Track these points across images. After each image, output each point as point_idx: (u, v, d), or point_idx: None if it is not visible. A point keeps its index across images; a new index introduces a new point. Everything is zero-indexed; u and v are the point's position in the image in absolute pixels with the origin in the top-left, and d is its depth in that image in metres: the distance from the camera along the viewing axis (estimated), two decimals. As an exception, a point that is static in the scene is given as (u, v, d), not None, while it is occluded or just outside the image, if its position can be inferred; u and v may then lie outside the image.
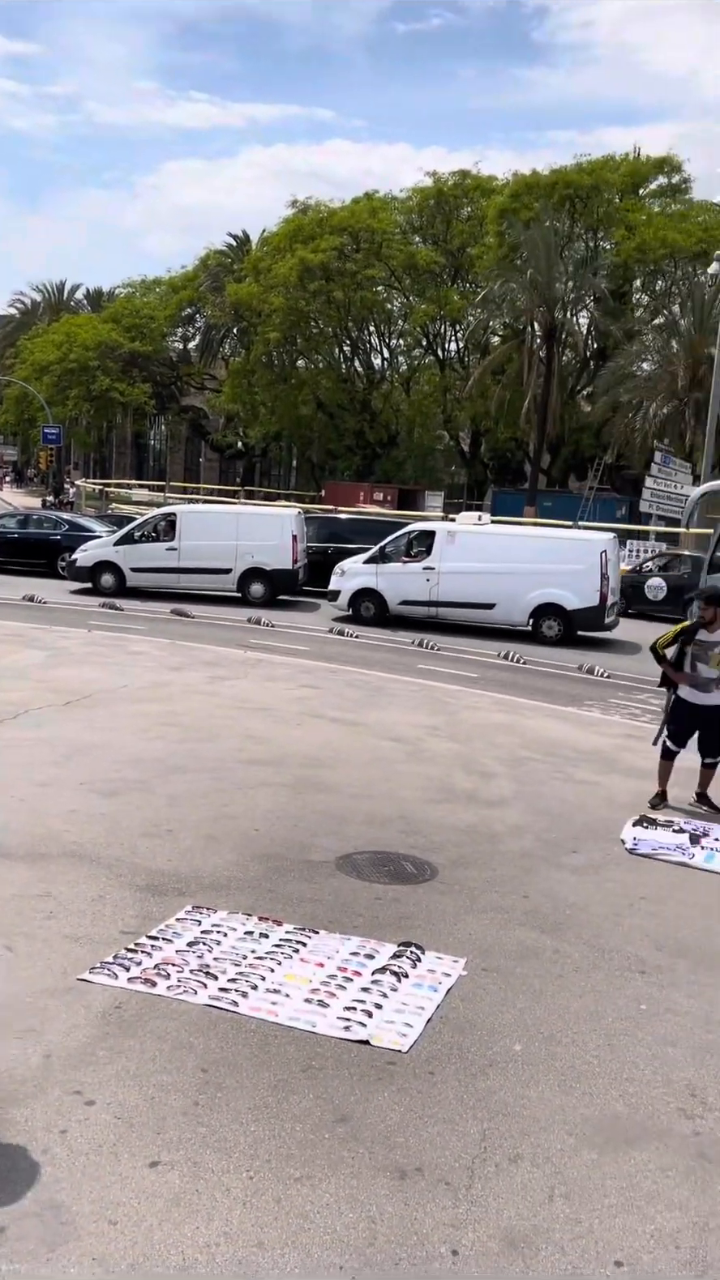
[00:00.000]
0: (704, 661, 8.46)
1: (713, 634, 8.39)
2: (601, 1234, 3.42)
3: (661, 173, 44.59)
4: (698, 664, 8.49)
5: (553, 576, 18.07)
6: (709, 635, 8.40)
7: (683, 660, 8.52)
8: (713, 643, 8.40)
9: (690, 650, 8.47)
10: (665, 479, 31.94)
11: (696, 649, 8.45)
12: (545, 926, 5.95)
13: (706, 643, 8.41)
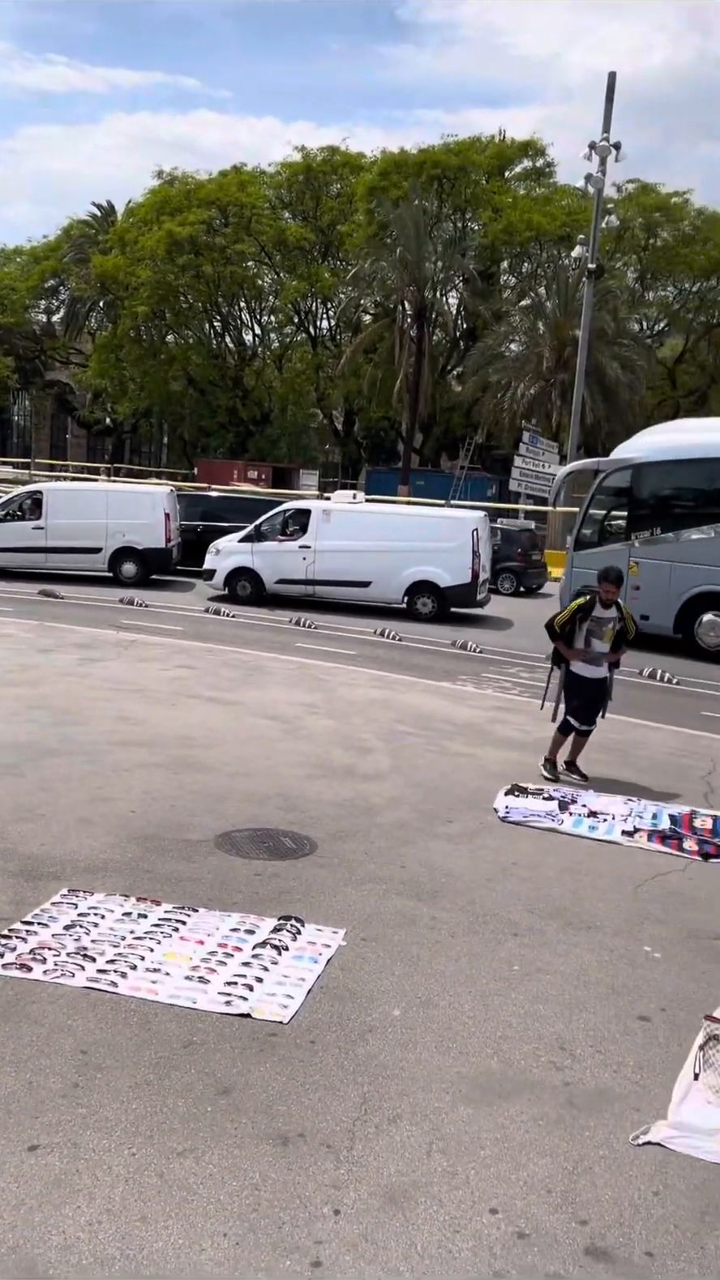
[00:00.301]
0: (598, 637, 8.81)
1: (607, 610, 8.74)
2: (477, 1184, 3.55)
3: (526, 156, 45.41)
4: (592, 639, 8.81)
5: (426, 554, 18.33)
6: (604, 612, 8.74)
7: (576, 636, 8.82)
8: (607, 619, 8.77)
9: (586, 626, 8.78)
10: (533, 458, 32.73)
11: (593, 625, 8.77)
12: (422, 895, 6.08)
13: (602, 619, 8.76)
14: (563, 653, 8.92)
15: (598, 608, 8.74)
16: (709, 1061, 4.21)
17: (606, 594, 8.71)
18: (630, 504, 17.18)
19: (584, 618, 8.77)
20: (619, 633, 8.86)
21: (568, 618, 8.81)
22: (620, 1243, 3.33)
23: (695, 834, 7.60)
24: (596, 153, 28.42)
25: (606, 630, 8.80)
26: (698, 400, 45.29)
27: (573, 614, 8.79)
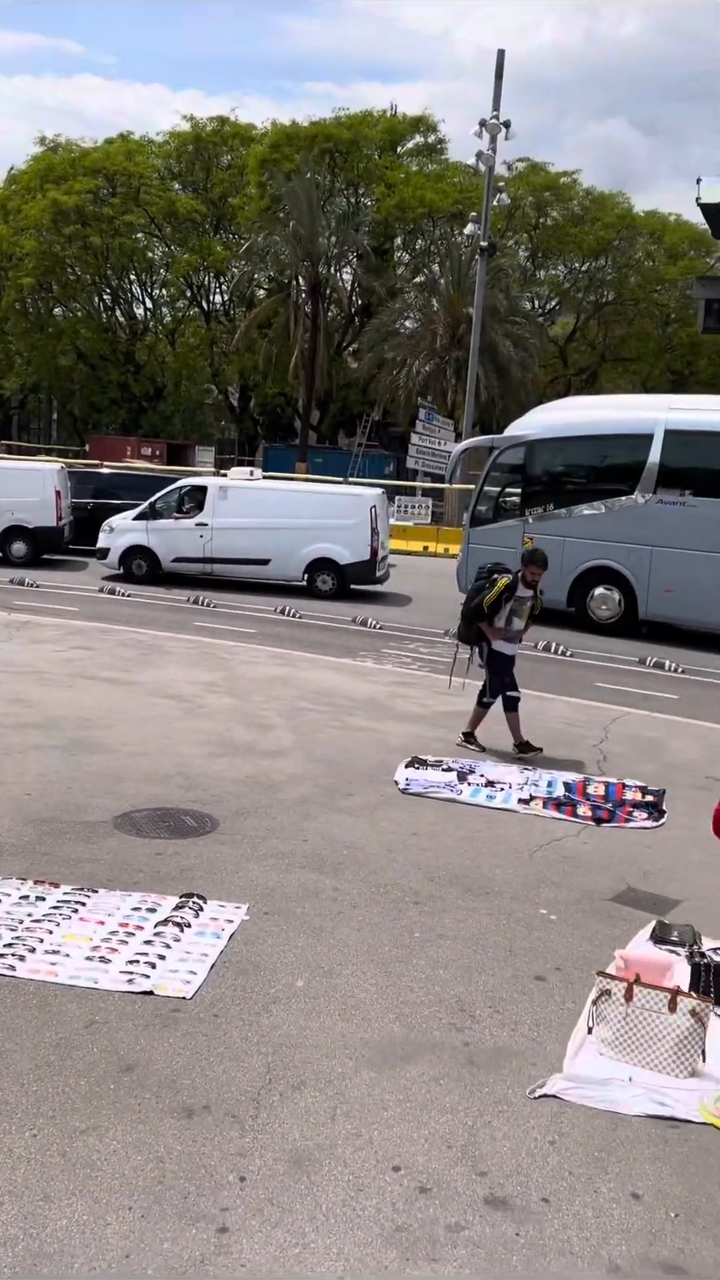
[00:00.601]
0: (519, 616, 9.08)
1: (527, 590, 9.02)
2: (381, 1144, 3.64)
3: (418, 131, 45.49)
4: (513, 618, 9.05)
5: (326, 532, 18.34)
6: (525, 592, 9.01)
7: (499, 616, 8.99)
8: (526, 598, 9.04)
9: (509, 606, 8.99)
10: (429, 435, 32.98)
11: (515, 604, 9.00)
12: (324, 868, 6.14)
13: (523, 598, 9.02)
14: (488, 633, 9.07)
15: (520, 588, 8.96)
16: (601, 1015, 4.38)
17: (532, 575, 8.96)
18: (524, 480, 17.46)
19: (509, 598, 8.96)
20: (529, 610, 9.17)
21: (495, 599, 8.94)
22: (518, 1191, 3.45)
23: (588, 800, 7.84)
24: (487, 130, 28.62)
25: (525, 609, 9.09)
26: (588, 378, 46.26)
27: (500, 594, 8.93)
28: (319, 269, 40.20)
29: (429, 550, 29.04)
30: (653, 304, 44.24)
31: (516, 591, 8.96)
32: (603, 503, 16.42)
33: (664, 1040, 4.25)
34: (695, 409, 16.65)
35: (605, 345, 46.25)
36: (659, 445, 15.77)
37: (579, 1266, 3.13)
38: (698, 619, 15.70)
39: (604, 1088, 4.08)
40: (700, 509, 15.32)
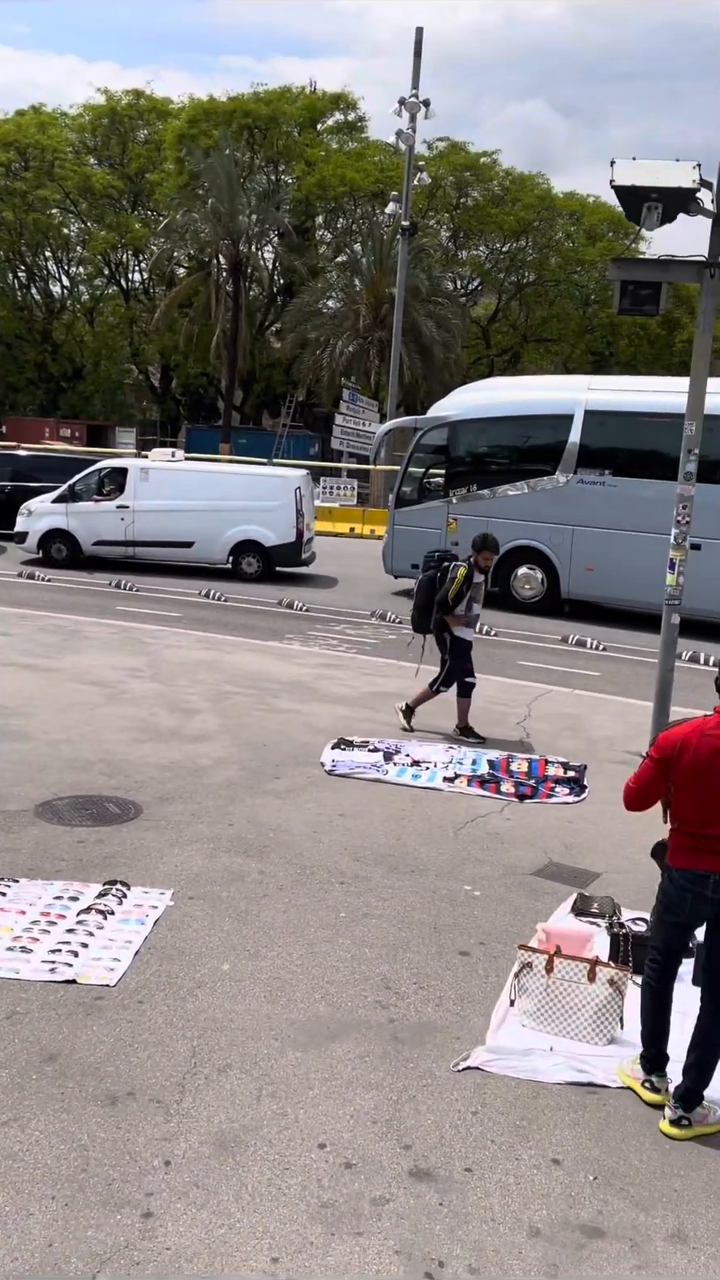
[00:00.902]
0: (477, 600, 9.22)
1: (480, 575, 9.16)
2: (306, 1123, 3.67)
3: (338, 109, 45.12)
4: (473, 604, 9.17)
5: (250, 514, 18.20)
6: (479, 578, 9.16)
7: (460, 603, 9.06)
8: (479, 583, 9.17)
9: (470, 594, 9.09)
10: (354, 416, 32.93)
11: (474, 591, 9.13)
12: (250, 851, 6.14)
13: (478, 584, 9.15)
14: (451, 622, 9.12)
15: (476, 574, 9.09)
16: (523, 988, 4.46)
17: (485, 561, 9.10)
18: (447, 461, 17.56)
19: (469, 586, 9.07)
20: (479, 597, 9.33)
21: (458, 590, 8.99)
22: (441, 1162, 3.51)
23: (512, 777, 7.96)
24: (406, 109, 28.55)
25: (480, 594, 9.27)
26: (511, 359, 46.59)
27: (462, 585, 8.99)
28: (240, 247, 39.72)
29: (355, 532, 29.07)
30: (573, 285, 44.67)
31: (473, 579, 9.07)
32: (525, 483, 16.59)
33: (584, 1010, 4.36)
34: (614, 389, 16.88)
35: (527, 326, 46.58)
36: (579, 426, 15.98)
37: (500, 1232, 3.20)
38: (618, 597, 15.98)
39: (526, 1058, 4.17)
40: (620, 488, 15.57)
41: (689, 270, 8.34)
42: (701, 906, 3.72)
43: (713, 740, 3.72)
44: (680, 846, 3.80)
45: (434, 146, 43.01)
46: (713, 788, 3.71)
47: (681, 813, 3.81)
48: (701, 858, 3.72)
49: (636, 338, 43.43)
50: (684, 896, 3.77)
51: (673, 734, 3.83)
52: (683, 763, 3.77)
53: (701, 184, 8.01)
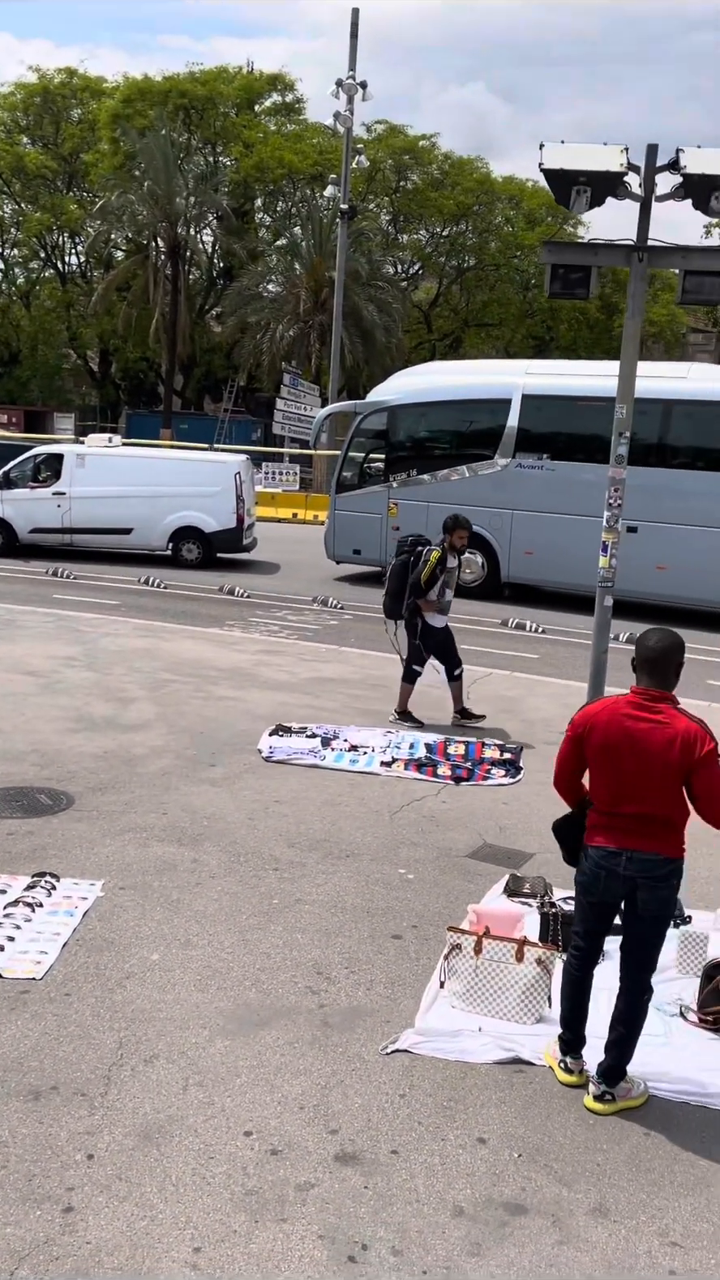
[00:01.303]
0: (450, 586, 8.94)
1: (453, 559, 8.90)
2: (233, 1110, 3.65)
3: (275, 90, 44.68)
4: (445, 590, 8.89)
5: (190, 500, 18.05)
6: (452, 562, 8.89)
7: (433, 589, 8.79)
8: (453, 568, 8.92)
9: (442, 578, 8.80)
10: (295, 401, 32.75)
11: (447, 576, 8.85)
12: (184, 839, 6.10)
13: (451, 569, 8.88)
14: (423, 607, 8.85)
15: (449, 558, 8.80)
16: (452, 969, 4.49)
17: (459, 541, 8.82)
18: (387, 446, 17.55)
19: (441, 570, 8.75)
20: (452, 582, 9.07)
21: (430, 574, 8.70)
22: (368, 1145, 3.52)
23: (449, 760, 8.00)
24: (343, 90, 28.35)
25: (453, 579, 8.99)
26: (452, 344, 46.63)
27: (434, 568, 8.70)
28: (178, 230, 39.23)
29: (298, 517, 28.98)
30: (513, 269, 44.78)
31: (447, 563, 8.81)
32: (465, 467, 16.64)
33: (512, 989, 4.39)
34: (551, 374, 16.97)
35: (468, 311, 46.64)
36: (516, 410, 16.05)
37: (424, 1213, 3.22)
38: (557, 580, 16.12)
39: (455, 1039, 4.19)
40: (558, 472, 15.68)
41: (618, 254, 8.39)
42: (615, 885, 3.76)
43: (623, 719, 3.74)
44: (595, 825, 3.84)
45: (373, 129, 42.80)
46: (623, 766, 3.73)
47: (595, 791, 3.84)
48: (615, 836, 3.76)
49: (576, 322, 43.70)
50: (598, 875, 3.81)
51: (586, 712, 3.86)
52: (594, 741, 3.79)
53: (629, 168, 8.06)
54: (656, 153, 8.17)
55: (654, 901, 3.72)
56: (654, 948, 3.82)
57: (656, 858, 3.70)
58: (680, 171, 7.96)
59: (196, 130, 43.58)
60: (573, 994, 3.97)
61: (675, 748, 3.65)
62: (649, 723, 3.71)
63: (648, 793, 3.69)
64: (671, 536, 14.76)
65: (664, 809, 3.71)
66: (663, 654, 3.81)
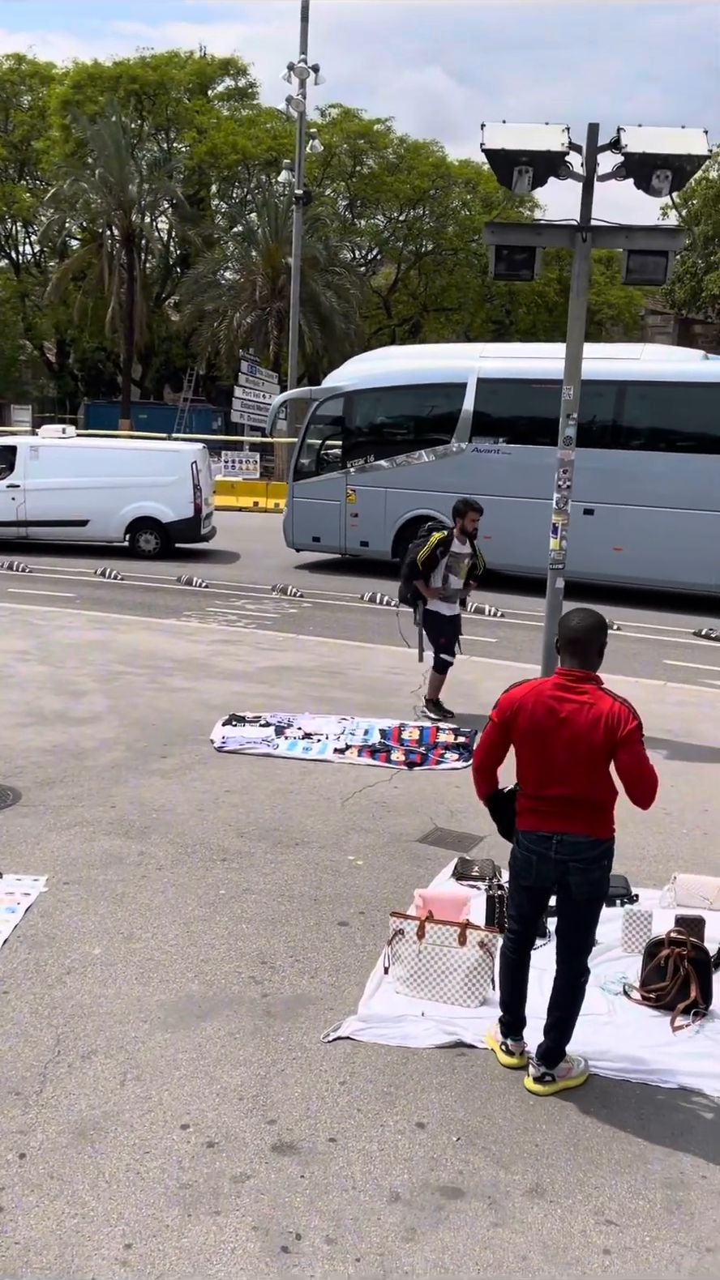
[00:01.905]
0: (455, 573, 8.58)
1: (463, 546, 8.51)
2: (170, 1104, 3.62)
3: (228, 74, 44.26)
4: (450, 575, 8.55)
5: (146, 490, 17.90)
6: (460, 547, 8.50)
7: (435, 573, 8.50)
8: (463, 554, 8.54)
9: (445, 563, 8.47)
10: (253, 388, 32.54)
11: (451, 560, 8.48)
12: (131, 833, 6.04)
13: (459, 554, 8.51)
14: (423, 592, 8.60)
15: (455, 542, 8.47)
16: (396, 955, 4.47)
17: (471, 523, 8.47)
18: (344, 432, 17.48)
19: (444, 553, 8.45)
20: (470, 569, 8.68)
21: (429, 554, 8.41)
22: (306, 1134, 3.50)
23: (403, 745, 7.98)
24: (295, 74, 28.11)
25: (462, 566, 8.59)
26: (412, 329, 46.53)
27: (433, 549, 8.39)
28: (132, 217, 38.79)
29: (258, 506, 28.85)
30: (470, 253, 44.70)
31: (452, 546, 8.45)
32: (422, 452, 16.60)
33: (455, 973, 4.38)
34: (506, 357, 16.97)
35: (427, 295, 46.52)
36: (472, 394, 16.03)
37: (360, 1200, 3.20)
38: (515, 563, 16.09)
39: (397, 1024, 4.18)
40: (514, 455, 15.69)
41: (561, 234, 8.37)
42: (546, 868, 3.75)
43: (549, 701, 3.72)
44: (524, 809, 3.82)
45: (326, 113, 42.54)
46: (549, 749, 3.71)
47: (523, 775, 3.83)
48: (544, 819, 3.74)
49: (535, 306, 43.74)
50: (529, 859, 3.79)
51: (511, 695, 3.83)
52: (519, 725, 3.76)
53: (571, 147, 8.03)
54: (598, 132, 8.14)
55: (586, 884, 3.72)
56: (589, 929, 3.82)
57: (586, 839, 3.69)
58: (622, 151, 7.94)
59: (149, 116, 43.09)
60: (510, 978, 3.96)
61: (600, 728, 3.64)
62: (574, 704, 3.70)
63: (575, 774, 3.68)
64: (627, 518, 14.83)
65: (592, 791, 3.70)
66: (585, 634, 3.79)
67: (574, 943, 3.81)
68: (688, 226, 39.57)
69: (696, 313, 45.21)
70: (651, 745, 8.37)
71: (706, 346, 39.67)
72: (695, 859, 6.03)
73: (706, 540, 14.28)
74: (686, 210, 40.26)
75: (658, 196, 7.99)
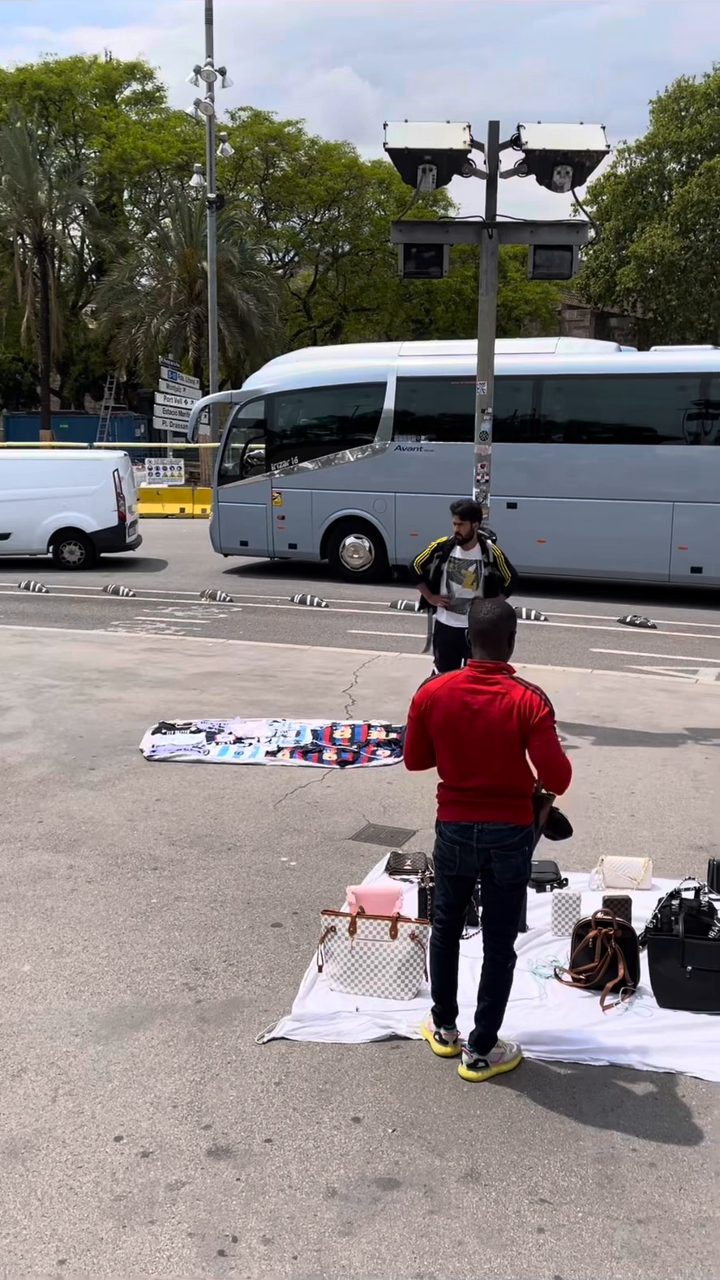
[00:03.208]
0: (458, 581, 7.86)
1: (468, 551, 7.80)
2: (103, 1117, 3.58)
3: (135, 79, 43.87)
4: (452, 584, 7.89)
5: (68, 500, 17.68)
6: (464, 553, 7.81)
7: (439, 580, 7.90)
8: (468, 561, 7.82)
9: (446, 569, 7.86)
10: (174, 394, 32.31)
11: (451, 567, 7.84)
12: (60, 846, 5.96)
13: (460, 560, 7.83)
14: (427, 598, 8.07)
15: (457, 548, 7.81)
16: (329, 952, 4.48)
17: (460, 529, 7.70)
18: (267, 435, 17.44)
19: (443, 558, 7.82)
20: (491, 580, 7.81)
21: (427, 556, 7.87)
22: (241, 1137, 3.49)
23: (335, 744, 7.99)
24: (202, 78, 27.95)
25: (467, 574, 7.83)
26: (332, 330, 46.60)
27: (432, 552, 7.84)
28: (43, 225, 38.23)
29: (185, 512, 28.66)
30: (387, 253, 44.83)
31: (453, 552, 7.81)
32: (346, 452, 16.64)
33: (388, 966, 4.40)
34: (424, 355, 17.07)
35: (345, 296, 46.63)
36: (392, 393, 16.11)
37: (297, 1198, 3.20)
38: (443, 559, 16.26)
39: (332, 1021, 4.19)
40: (436, 452, 15.79)
41: (468, 231, 8.48)
42: (469, 858, 3.80)
43: (462, 694, 3.77)
44: (444, 800, 3.87)
45: (237, 117, 42.40)
46: (464, 741, 3.76)
47: (441, 766, 3.87)
48: (465, 810, 3.79)
49: (453, 303, 44.09)
50: (452, 850, 3.84)
51: (426, 689, 3.87)
52: (435, 718, 3.81)
53: (473, 145, 8.14)
54: (499, 129, 8.26)
55: (509, 870, 3.77)
56: (513, 915, 3.87)
57: (506, 827, 3.74)
58: (523, 148, 8.07)
59: (55, 122, 42.51)
60: (440, 968, 4.00)
61: (513, 718, 3.69)
62: (486, 694, 3.75)
63: (491, 764, 3.73)
64: (550, 510, 15.03)
65: (509, 779, 3.75)
66: (493, 625, 3.84)
67: (500, 929, 3.85)
68: (597, 222, 40.33)
69: (612, 306, 46.05)
70: (578, 732, 8.55)
71: (622, 339, 40.45)
72: (623, 841, 6.14)
73: (628, 529, 14.56)
74: (597, 206, 40.99)
75: (560, 192, 8.13)
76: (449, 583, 7.87)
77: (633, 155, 42.16)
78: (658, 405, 14.76)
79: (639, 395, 14.91)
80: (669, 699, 9.52)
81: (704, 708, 9.23)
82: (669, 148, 41.03)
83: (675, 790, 7.00)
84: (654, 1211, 3.18)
